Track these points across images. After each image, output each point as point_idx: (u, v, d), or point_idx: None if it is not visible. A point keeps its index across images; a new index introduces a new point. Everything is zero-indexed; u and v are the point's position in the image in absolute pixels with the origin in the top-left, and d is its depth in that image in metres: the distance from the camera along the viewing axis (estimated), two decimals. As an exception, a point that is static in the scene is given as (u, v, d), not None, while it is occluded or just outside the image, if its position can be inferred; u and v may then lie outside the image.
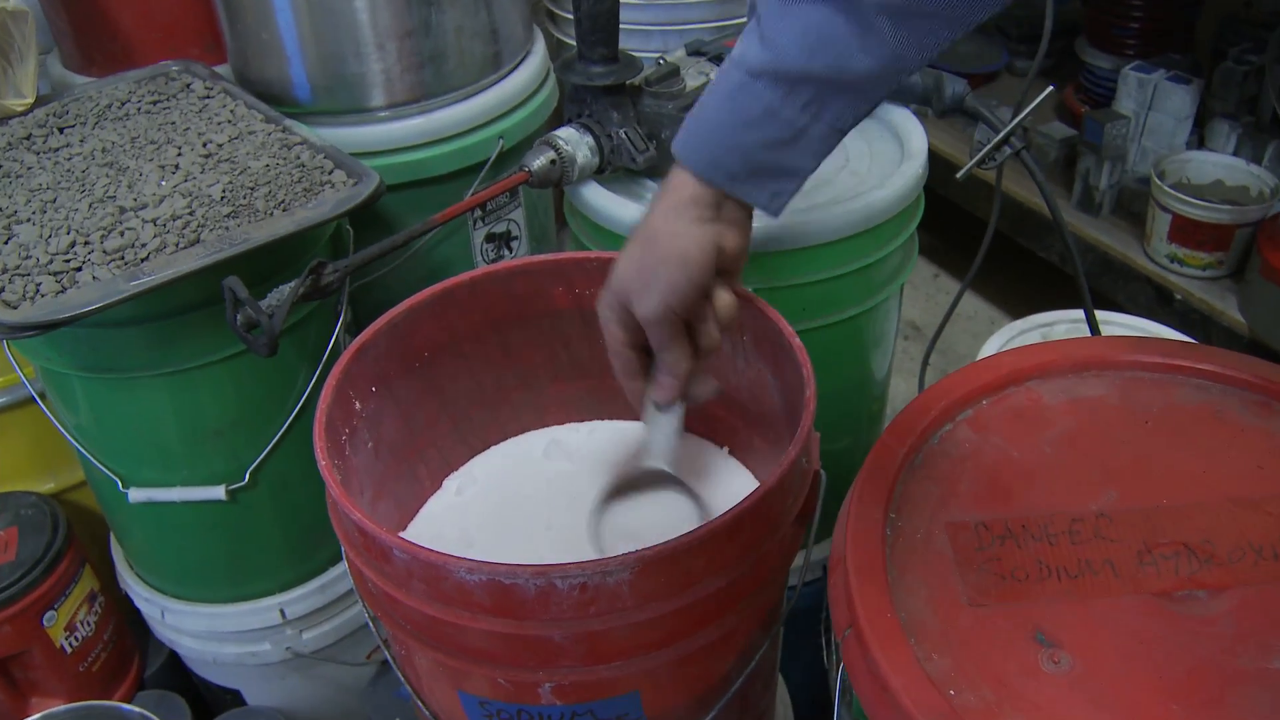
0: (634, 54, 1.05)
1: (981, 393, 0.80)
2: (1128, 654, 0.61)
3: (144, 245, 0.90)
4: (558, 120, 1.07)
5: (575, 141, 1.03)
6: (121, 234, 0.92)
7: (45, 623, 1.19)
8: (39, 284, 0.86)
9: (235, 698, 1.32)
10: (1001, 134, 1.07)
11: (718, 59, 1.12)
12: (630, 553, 0.67)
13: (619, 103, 1.03)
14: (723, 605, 0.73)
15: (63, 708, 1.08)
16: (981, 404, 0.80)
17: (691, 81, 1.08)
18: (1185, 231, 1.76)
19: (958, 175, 1.11)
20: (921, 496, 0.72)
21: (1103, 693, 0.60)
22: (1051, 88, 1.10)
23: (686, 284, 0.73)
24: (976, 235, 1.19)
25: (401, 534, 0.96)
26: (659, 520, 0.84)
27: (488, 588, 0.68)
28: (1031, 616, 0.63)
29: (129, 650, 1.34)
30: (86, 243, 0.91)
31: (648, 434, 0.82)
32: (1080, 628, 0.63)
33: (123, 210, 0.95)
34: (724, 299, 0.76)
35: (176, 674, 1.38)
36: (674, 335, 0.75)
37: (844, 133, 0.71)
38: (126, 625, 1.34)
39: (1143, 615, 0.63)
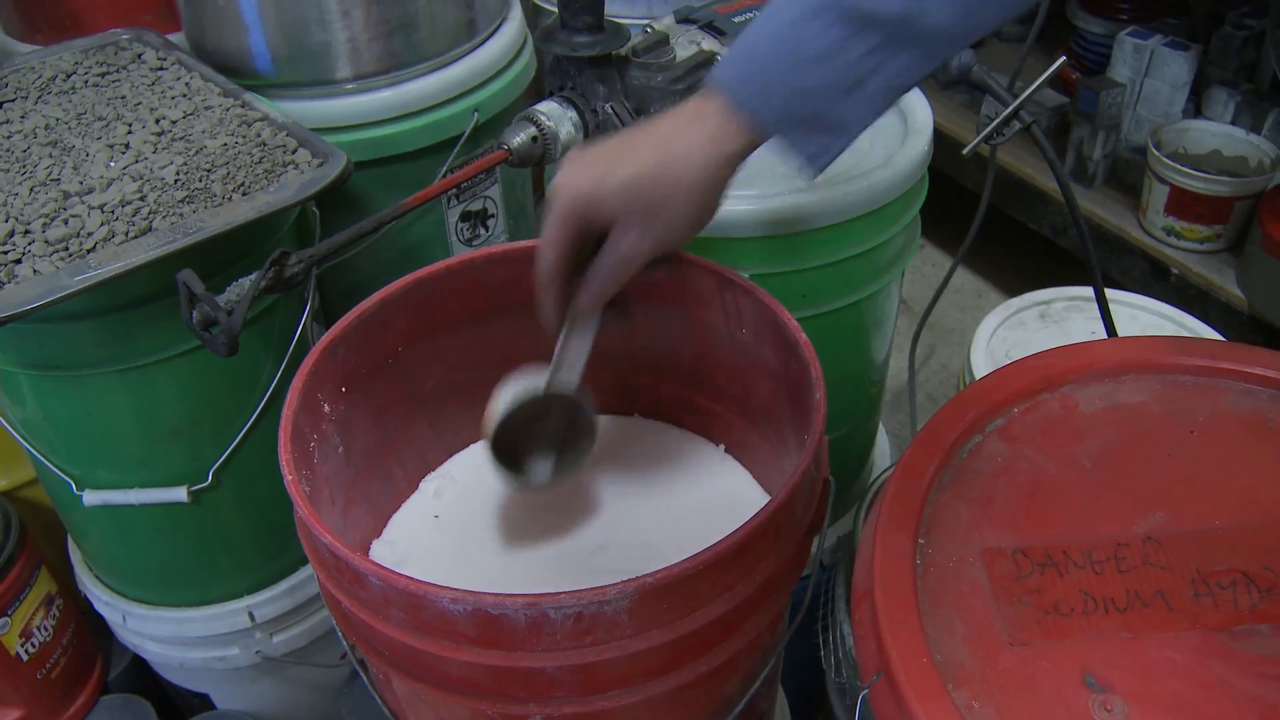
0: (619, 21, 0.98)
1: (1013, 400, 0.74)
2: (1187, 700, 0.55)
3: (90, 235, 0.83)
4: (536, 92, 0.99)
5: (558, 117, 0.95)
6: (65, 222, 0.84)
7: (-2, 630, 1.12)
8: (-27, 279, 0.79)
9: (204, 701, 1.27)
10: (1011, 106, 1.01)
11: (709, 26, 1.04)
12: (630, 580, 0.61)
13: (605, 75, 0.96)
14: (727, 627, 0.68)
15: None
16: (1013, 412, 0.74)
17: (682, 51, 1.00)
18: (1183, 204, 1.71)
19: (964, 151, 1.05)
20: (952, 519, 0.66)
21: (1162, 747, 0.54)
22: (1064, 59, 1.05)
23: (690, 234, 0.68)
24: (962, 204, 1.13)
25: (375, 541, 0.90)
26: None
27: (473, 618, 0.63)
28: (1079, 656, 0.58)
29: (91, 653, 1.27)
30: (27, 232, 0.83)
31: (560, 349, 0.78)
32: (1133, 669, 0.57)
33: (67, 195, 0.87)
34: None
35: (143, 677, 1.31)
36: (641, 265, 0.70)
37: (901, 92, 0.65)
38: (88, 627, 1.27)
39: (1201, 654, 0.58)
